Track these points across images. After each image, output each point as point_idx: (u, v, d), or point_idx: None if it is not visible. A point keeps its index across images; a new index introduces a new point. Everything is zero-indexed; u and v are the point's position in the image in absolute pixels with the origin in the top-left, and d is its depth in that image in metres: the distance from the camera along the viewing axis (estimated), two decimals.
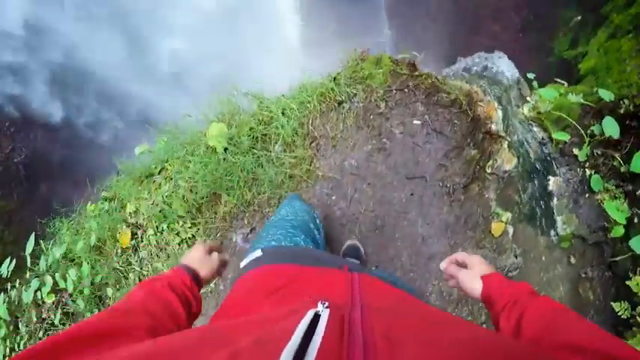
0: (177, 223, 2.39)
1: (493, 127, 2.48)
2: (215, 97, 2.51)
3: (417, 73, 2.34)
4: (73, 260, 2.93)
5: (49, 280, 3.00)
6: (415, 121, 2.22)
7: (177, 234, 2.41)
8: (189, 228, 2.35)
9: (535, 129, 2.65)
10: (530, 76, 2.88)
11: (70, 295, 2.85)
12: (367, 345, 0.41)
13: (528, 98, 2.83)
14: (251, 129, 2.17)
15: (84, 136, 8.21)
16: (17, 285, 3.27)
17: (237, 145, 2.17)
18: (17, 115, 7.93)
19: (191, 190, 2.33)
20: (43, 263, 3.05)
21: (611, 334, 0.53)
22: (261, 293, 0.74)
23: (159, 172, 2.64)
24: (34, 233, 3.26)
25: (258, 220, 2.25)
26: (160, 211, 2.39)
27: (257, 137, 2.19)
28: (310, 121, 2.21)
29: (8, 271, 3.29)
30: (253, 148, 2.18)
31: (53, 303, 3.00)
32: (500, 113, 2.59)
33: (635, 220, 2.26)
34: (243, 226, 2.28)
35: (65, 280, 2.89)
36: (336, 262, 0.88)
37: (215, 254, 0.99)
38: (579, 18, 4.96)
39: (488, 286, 0.80)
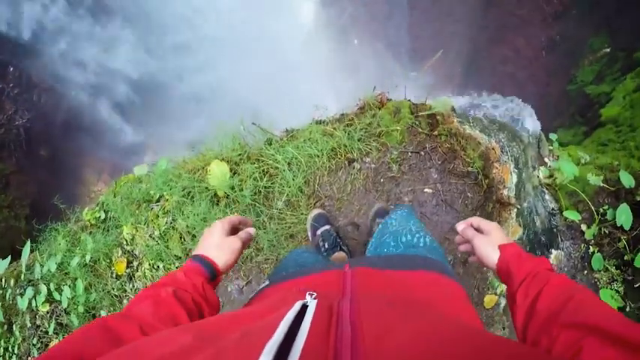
0: (174, 263, 2.36)
1: (505, 192, 2.40)
2: (222, 131, 2.40)
3: (436, 132, 2.23)
4: (68, 274, 2.92)
5: (43, 289, 3.02)
6: (426, 190, 2.14)
7: None
8: None
9: (547, 197, 2.58)
10: (553, 137, 2.76)
11: (65, 310, 2.87)
12: (355, 333, 0.40)
13: (546, 159, 2.73)
14: (254, 180, 2.10)
15: (95, 116, 8.04)
16: (12, 285, 3.29)
17: (239, 198, 2.10)
18: (21, 78, 7.72)
19: (189, 232, 2.28)
20: (37, 270, 3.06)
21: (631, 320, 0.52)
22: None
23: (157, 200, 2.58)
24: (29, 240, 3.23)
25: (255, 274, 2.22)
26: (157, 250, 2.35)
27: (260, 191, 2.12)
28: (317, 179, 2.13)
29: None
30: (255, 201, 2.11)
31: (47, 312, 3.04)
32: (514, 177, 2.51)
33: (627, 310, 2.25)
34: (239, 277, 2.26)
35: (60, 292, 2.91)
36: (336, 265, 0.86)
37: (235, 237, 0.88)
38: (608, 50, 4.72)
39: (505, 257, 0.77)
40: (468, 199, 2.15)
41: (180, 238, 2.32)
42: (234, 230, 0.92)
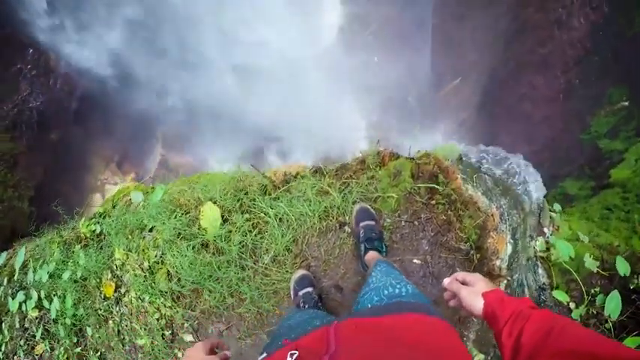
0: (159, 298, 2.39)
1: (497, 263, 2.38)
2: (222, 174, 2.42)
3: (433, 201, 2.20)
4: (59, 284, 2.98)
5: (34, 295, 3.08)
6: (415, 260, 2.13)
7: (158, 308, 2.42)
8: (170, 308, 2.36)
9: (540, 271, 2.54)
10: (556, 207, 2.71)
11: (53, 320, 2.93)
12: None
13: (546, 229, 2.69)
14: (243, 234, 2.10)
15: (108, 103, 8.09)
16: (5, 284, 3.36)
17: (226, 250, 2.11)
18: (39, 60, 7.79)
19: (176, 272, 2.30)
20: (30, 276, 3.12)
21: (608, 338, 0.56)
22: None
23: (150, 230, 2.60)
24: (24, 247, 3.29)
25: (236, 320, 2.24)
26: (143, 283, 2.38)
27: (247, 244, 2.12)
28: (306, 239, 2.13)
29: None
30: (242, 254, 2.12)
31: (36, 318, 3.10)
32: (509, 248, 2.47)
33: None
34: (220, 321, 2.28)
35: (49, 302, 2.97)
36: (326, 322, 0.92)
37: (215, 356, 0.97)
38: (626, 104, 4.61)
39: (489, 302, 0.82)
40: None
41: (168, 274, 2.34)
42: (212, 351, 1.01)
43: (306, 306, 1.92)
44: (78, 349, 2.88)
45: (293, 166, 2.74)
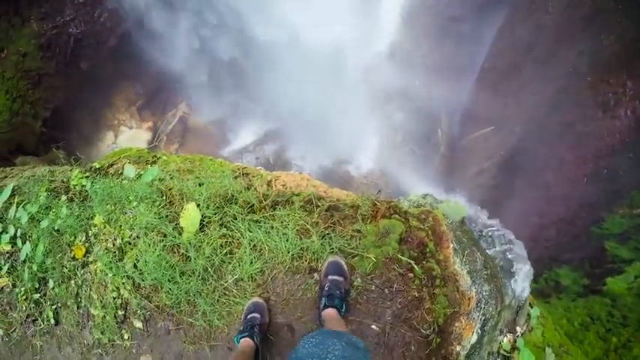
0: (121, 279, 2.40)
1: (457, 349, 2.33)
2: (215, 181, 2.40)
3: (411, 274, 2.13)
4: (35, 229, 3.01)
5: (11, 230, 3.13)
6: (373, 327, 2.08)
7: (117, 288, 2.43)
8: (128, 291, 2.37)
9: None
10: (534, 312, 2.62)
11: (22, 261, 2.99)
12: None
13: (518, 328, 2.61)
14: (214, 250, 2.08)
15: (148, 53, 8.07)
16: None
17: (193, 259, 2.09)
18: None
19: (142, 264, 2.30)
20: (12, 212, 3.16)
21: None
22: None
23: (133, 207, 2.60)
24: (11, 185, 3.32)
25: (185, 325, 2.24)
26: (111, 260, 2.39)
27: (215, 261, 2.10)
28: (273, 274, 2.10)
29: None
30: (207, 269, 2.10)
31: (7, 252, 3.16)
32: (474, 337, 2.41)
33: None
34: (171, 320, 2.29)
35: (23, 243, 3.02)
36: None
37: None
38: None
39: None
40: (410, 352, 2.08)
41: (135, 262, 2.34)
42: None
43: (244, 327, 1.93)
44: (37, 296, 2.93)
45: (292, 178, 2.68)
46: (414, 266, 2.06)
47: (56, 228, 2.89)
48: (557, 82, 5.77)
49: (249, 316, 1.99)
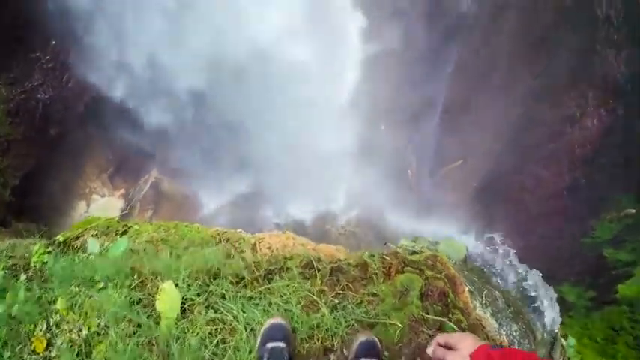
0: None
1: None
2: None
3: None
4: None
5: None
6: None
7: None
8: None
9: None
10: (570, 341, 2.49)
11: None
12: None
13: None
14: (201, 341, 1.87)
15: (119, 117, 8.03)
16: None
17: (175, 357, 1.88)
18: (59, 55, 7.82)
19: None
20: None
21: None
22: None
23: (98, 290, 2.39)
24: None
25: None
26: (78, 354, 2.15)
27: (204, 357, 1.88)
28: None
29: None
30: None
31: None
32: None
33: None
34: None
35: None
36: None
37: None
38: (633, 211, 4.44)
39: None
40: None
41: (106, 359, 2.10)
42: None
43: None
44: None
45: (277, 239, 2.53)
46: (446, 322, 1.89)
47: (13, 314, 2.62)
48: (518, 107, 5.97)
49: (270, 345, 1.57)
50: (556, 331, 2.59)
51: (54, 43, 7.74)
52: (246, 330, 1.77)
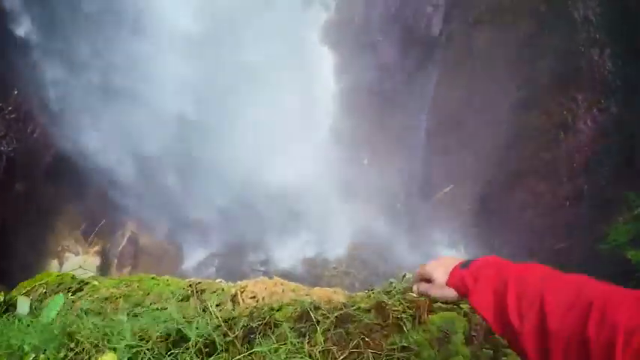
0: None
1: None
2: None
3: None
4: None
5: None
6: None
7: None
8: None
9: None
10: None
11: None
12: None
13: None
14: None
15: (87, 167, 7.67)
16: None
17: None
18: (22, 105, 7.49)
19: None
20: None
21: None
22: None
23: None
24: None
25: None
26: None
27: None
28: None
29: None
30: None
31: None
32: None
33: None
34: None
35: None
36: None
37: None
38: None
39: (457, 288, 0.82)
40: None
41: None
42: None
43: None
44: None
45: (263, 286, 2.07)
46: None
47: None
48: (505, 122, 5.82)
49: None
50: None
51: (16, 92, 7.45)
52: None
